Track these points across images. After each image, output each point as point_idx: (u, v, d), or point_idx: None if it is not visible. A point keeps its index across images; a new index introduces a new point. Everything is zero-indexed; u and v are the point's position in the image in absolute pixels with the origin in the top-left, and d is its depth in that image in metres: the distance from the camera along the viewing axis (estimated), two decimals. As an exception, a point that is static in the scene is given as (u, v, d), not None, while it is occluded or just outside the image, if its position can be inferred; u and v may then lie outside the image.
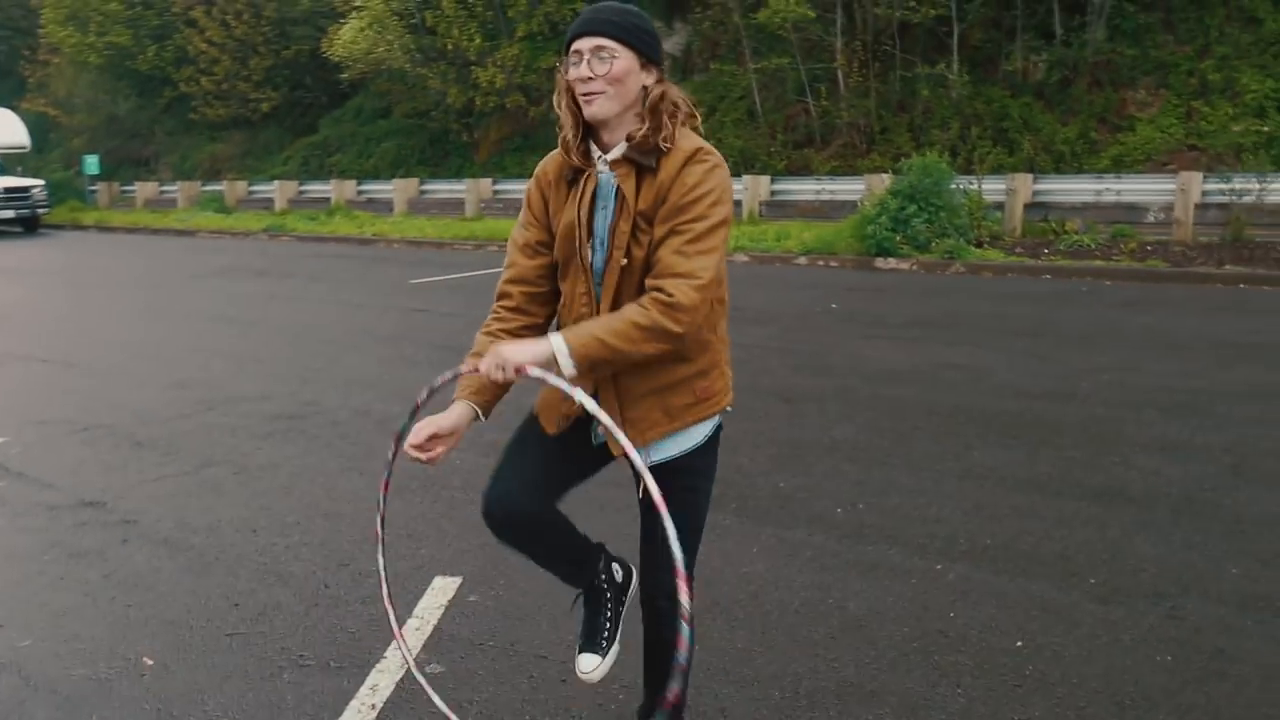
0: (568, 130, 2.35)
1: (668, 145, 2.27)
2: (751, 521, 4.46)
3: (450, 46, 25.04)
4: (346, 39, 25.39)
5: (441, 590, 3.84)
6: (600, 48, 2.23)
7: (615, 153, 2.31)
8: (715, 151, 2.31)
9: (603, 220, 2.35)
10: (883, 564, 3.96)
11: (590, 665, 2.61)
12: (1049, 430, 5.76)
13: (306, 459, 5.56)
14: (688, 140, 2.30)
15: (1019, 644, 3.33)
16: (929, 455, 5.31)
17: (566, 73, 2.29)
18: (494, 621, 3.58)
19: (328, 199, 26.41)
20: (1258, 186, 13.94)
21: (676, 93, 2.34)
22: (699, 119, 2.39)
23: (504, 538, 2.56)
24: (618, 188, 2.31)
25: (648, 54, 2.29)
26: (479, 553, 4.15)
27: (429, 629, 3.54)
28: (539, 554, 2.66)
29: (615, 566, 2.74)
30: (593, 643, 2.64)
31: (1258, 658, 3.20)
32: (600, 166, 2.34)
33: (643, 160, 2.28)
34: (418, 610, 3.67)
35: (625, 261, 2.31)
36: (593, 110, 2.27)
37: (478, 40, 24.72)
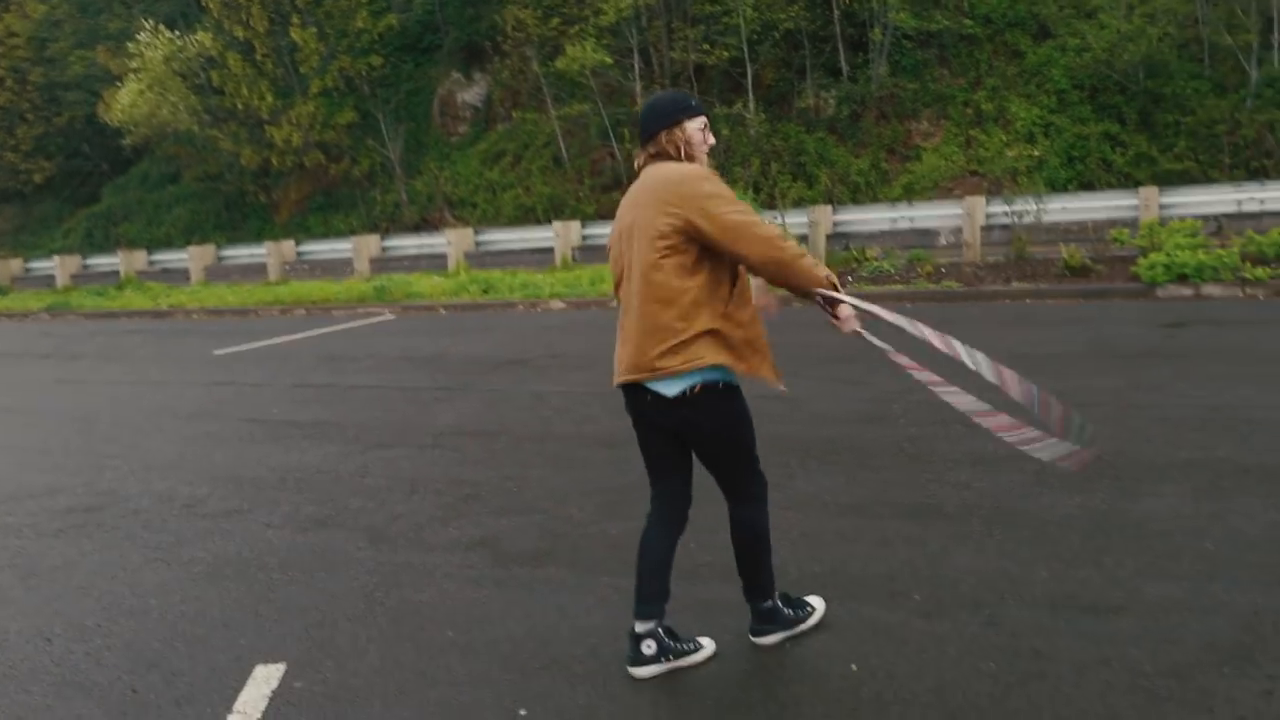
0: None
1: None
2: (585, 572, 4.42)
3: (240, 106, 24.37)
4: (125, 103, 24.33)
5: (264, 679, 3.63)
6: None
7: None
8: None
9: None
10: (718, 602, 3.97)
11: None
12: (865, 454, 5.94)
13: (105, 554, 5.19)
14: None
15: (853, 668, 3.39)
16: (753, 488, 5.38)
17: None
18: (323, 708, 3.41)
19: (116, 272, 25.14)
20: (1035, 207, 14.93)
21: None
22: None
23: None
24: None
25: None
26: (301, 636, 3.96)
27: (253, 723, 3.34)
28: None
29: None
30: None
31: (1070, 655, 3.36)
32: None
33: None
34: (239, 704, 3.46)
35: None
36: None
37: (269, 98, 24.13)
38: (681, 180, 3.19)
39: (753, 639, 3.61)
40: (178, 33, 24.53)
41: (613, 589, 4.21)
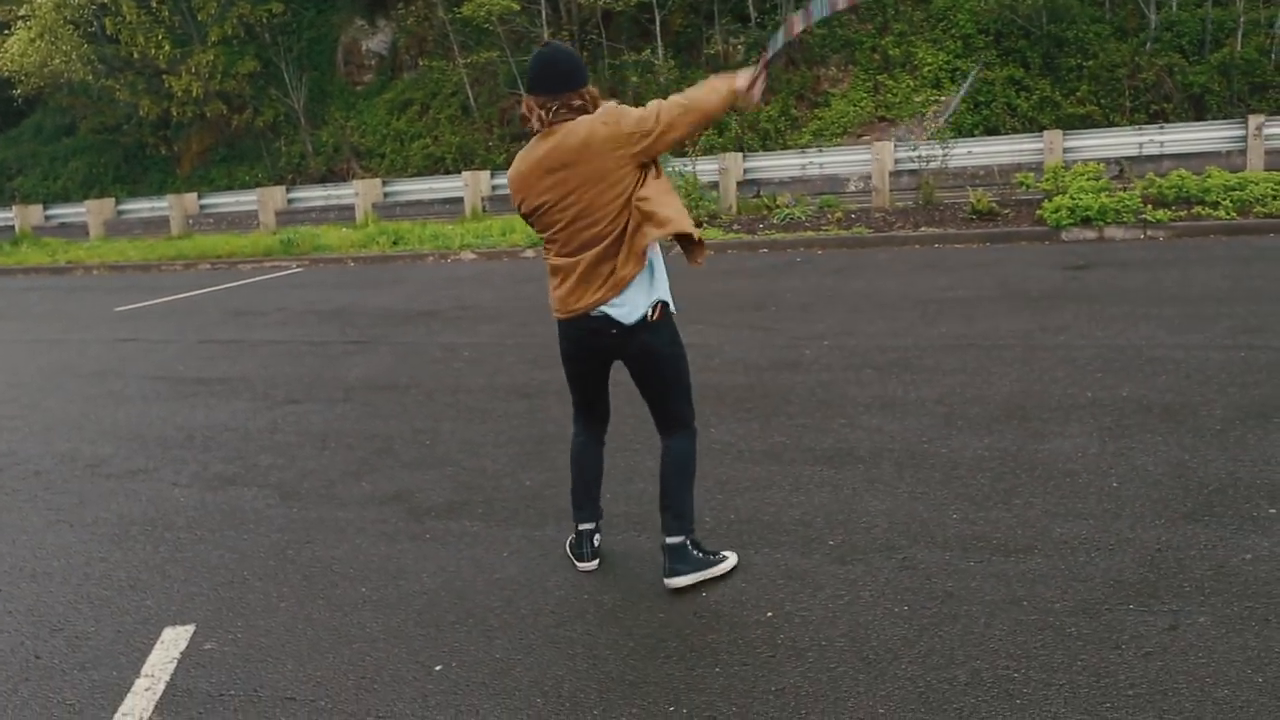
0: None
1: None
2: (500, 525, 4.39)
3: (137, 55, 23.47)
4: (15, 52, 23.29)
5: (172, 642, 3.54)
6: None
7: None
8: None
9: None
10: (634, 552, 3.98)
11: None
12: (780, 400, 5.98)
13: (5, 516, 5.02)
14: None
15: (769, 615, 3.41)
16: (669, 437, 5.38)
17: None
18: (234, 669, 3.34)
19: (12, 227, 24.16)
20: (942, 153, 15.09)
21: (533, 100, 3.44)
22: (539, 118, 3.43)
23: None
24: None
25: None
26: (211, 596, 3.88)
27: (161, 687, 3.25)
28: None
29: None
30: None
31: (981, 596, 3.42)
32: None
33: None
34: (146, 668, 3.37)
35: None
36: None
37: (167, 47, 23.29)
38: (607, 125, 3.35)
39: (667, 581, 3.63)
40: (68, -22, 23.49)
41: (527, 540, 4.20)
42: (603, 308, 3.47)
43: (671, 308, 3.58)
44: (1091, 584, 3.45)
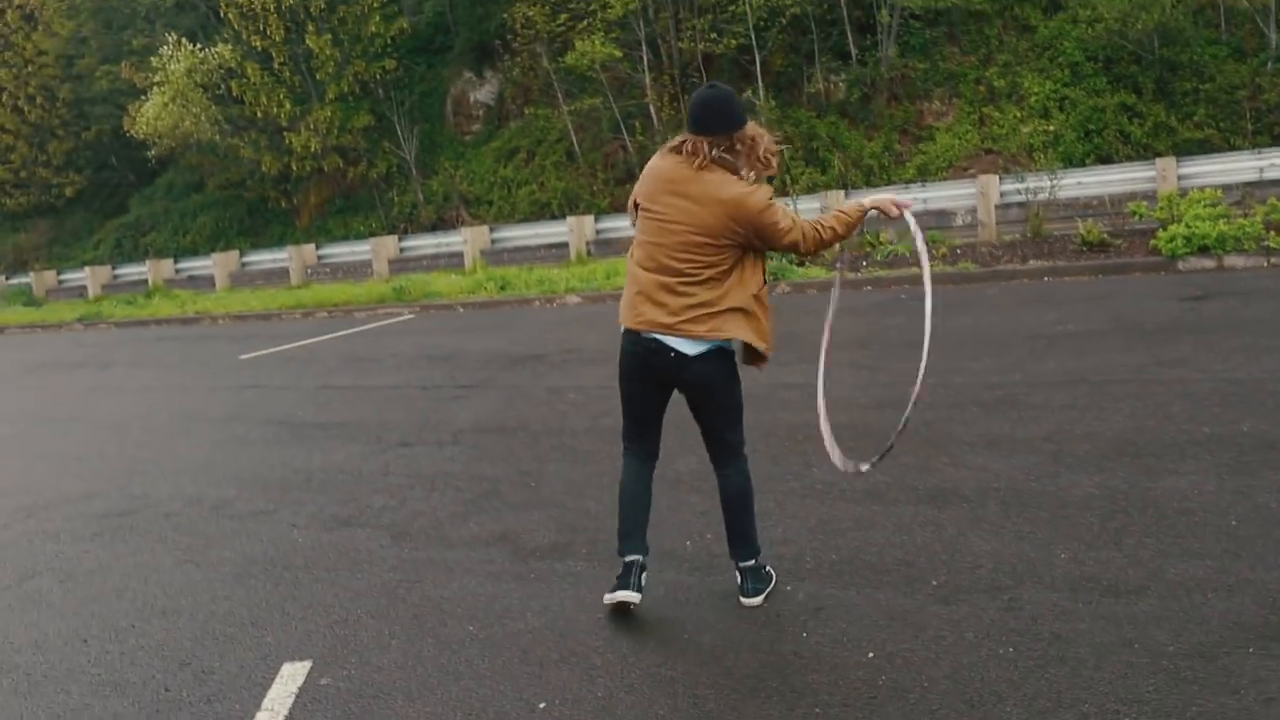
0: None
1: None
2: (602, 565, 4.45)
3: (260, 114, 24.53)
4: (150, 115, 24.55)
5: (291, 677, 3.69)
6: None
7: None
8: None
9: None
10: (734, 592, 4.00)
11: None
12: (882, 439, 5.91)
13: (139, 557, 5.29)
14: None
15: (870, 655, 3.40)
16: (771, 477, 5.40)
17: None
18: (348, 704, 3.46)
19: (145, 281, 25.47)
20: (1049, 183, 14.82)
21: (687, 137, 3.66)
22: (686, 150, 3.66)
23: None
24: None
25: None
26: (326, 633, 4.03)
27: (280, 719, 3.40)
28: None
29: None
30: None
31: (1091, 638, 3.35)
32: None
33: None
34: (266, 702, 3.52)
35: None
36: None
37: (287, 106, 24.29)
38: (751, 198, 3.58)
39: (746, 600, 3.86)
40: (199, 45, 24.71)
41: (631, 581, 4.25)
42: (663, 336, 3.65)
43: (731, 346, 3.73)
44: (1208, 626, 3.35)
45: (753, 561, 3.91)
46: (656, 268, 3.67)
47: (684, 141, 3.67)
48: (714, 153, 3.59)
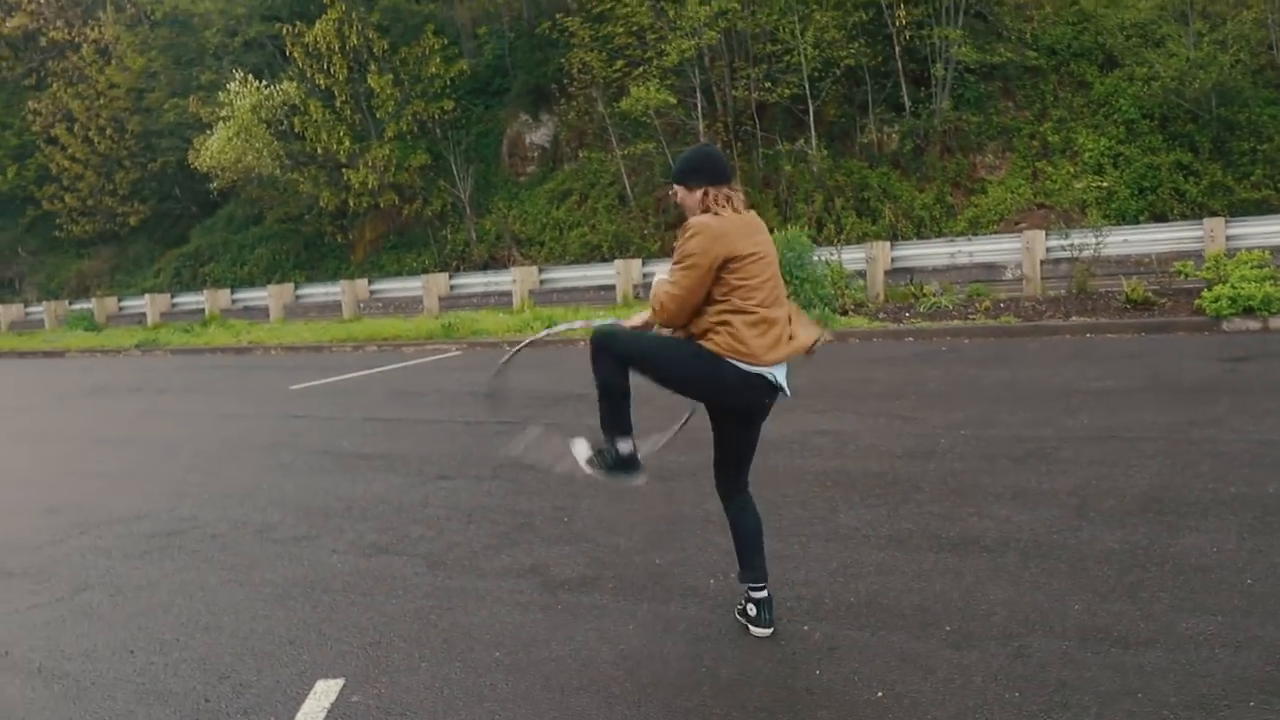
0: None
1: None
2: (628, 599, 4.60)
3: (320, 150, 25.15)
4: (214, 149, 25.31)
5: (324, 694, 3.87)
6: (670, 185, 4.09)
7: None
8: (702, 225, 3.77)
9: None
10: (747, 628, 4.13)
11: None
12: (910, 488, 6.05)
13: (185, 575, 5.52)
14: (694, 219, 3.82)
15: (879, 694, 3.51)
16: (797, 520, 5.53)
17: None
18: (376, 721, 3.63)
19: (202, 310, 26.09)
20: (1095, 241, 14.84)
21: (722, 192, 3.87)
22: (733, 205, 3.87)
23: None
24: None
25: (681, 180, 3.94)
26: (360, 654, 4.20)
27: (311, 735, 3.57)
28: None
29: None
30: None
31: (1096, 687, 3.44)
32: None
33: None
34: (300, 715, 3.70)
35: None
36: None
37: (347, 143, 24.90)
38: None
39: (761, 631, 4.08)
40: (264, 82, 25.47)
41: (653, 615, 4.39)
42: (774, 370, 3.87)
43: None
44: (1212, 680, 3.42)
45: (765, 584, 4.11)
46: (775, 300, 3.91)
47: (723, 198, 3.90)
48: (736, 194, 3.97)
